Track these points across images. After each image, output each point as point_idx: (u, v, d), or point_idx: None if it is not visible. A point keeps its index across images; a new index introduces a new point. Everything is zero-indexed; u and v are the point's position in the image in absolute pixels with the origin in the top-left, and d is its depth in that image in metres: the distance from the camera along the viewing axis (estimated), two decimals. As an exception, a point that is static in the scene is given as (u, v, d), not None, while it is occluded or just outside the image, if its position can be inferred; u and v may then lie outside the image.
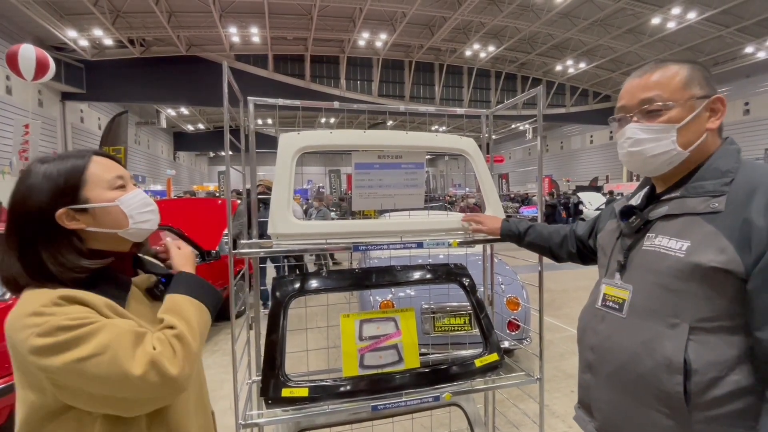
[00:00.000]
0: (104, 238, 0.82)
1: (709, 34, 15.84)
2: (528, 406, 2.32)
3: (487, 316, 1.57)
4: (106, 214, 0.80)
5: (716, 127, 0.89)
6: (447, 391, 1.38)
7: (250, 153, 1.59)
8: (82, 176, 0.78)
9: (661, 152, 0.88)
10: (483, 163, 1.60)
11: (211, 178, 35.15)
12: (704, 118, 0.88)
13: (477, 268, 1.93)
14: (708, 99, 0.87)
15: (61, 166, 0.78)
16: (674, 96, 0.87)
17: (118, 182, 0.83)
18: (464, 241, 1.46)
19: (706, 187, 0.84)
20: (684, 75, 0.88)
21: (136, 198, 0.84)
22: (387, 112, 1.83)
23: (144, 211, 0.84)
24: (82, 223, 0.78)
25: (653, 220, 0.91)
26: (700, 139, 0.87)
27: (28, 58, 7.25)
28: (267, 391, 1.27)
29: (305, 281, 1.42)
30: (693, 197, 0.85)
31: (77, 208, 0.77)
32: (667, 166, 0.90)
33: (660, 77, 0.89)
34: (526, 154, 32.02)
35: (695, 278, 0.80)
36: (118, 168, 0.85)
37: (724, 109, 0.89)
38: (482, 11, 15.12)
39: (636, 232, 0.94)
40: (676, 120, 0.87)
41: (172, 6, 14.12)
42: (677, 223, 0.86)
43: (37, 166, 0.78)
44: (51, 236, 0.76)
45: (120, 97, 16.80)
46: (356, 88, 19.43)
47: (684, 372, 0.79)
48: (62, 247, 0.76)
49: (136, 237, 0.86)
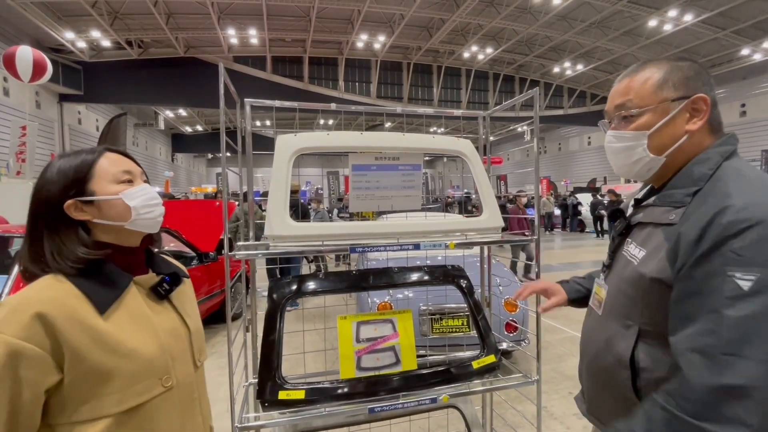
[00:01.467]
0: (113, 231, 0.84)
1: (706, 37, 15.93)
2: (526, 408, 2.32)
3: (484, 317, 1.57)
4: (110, 207, 0.82)
5: (698, 128, 0.84)
6: (444, 393, 1.37)
7: (247, 155, 1.59)
8: (90, 170, 0.82)
9: (635, 160, 0.89)
10: (480, 164, 1.60)
11: (209, 179, 35.10)
12: (683, 120, 0.85)
13: (475, 269, 1.93)
14: (686, 99, 0.84)
15: (74, 160, 0.82)
16: (645, 101, 0.86)
17: (125, 176, 0.85)
18: (461, 243, 1.46)
19: (674, 196, 0.83)
20: (657, 78, 0.86)
21: (141, 192, 0.85)
22: (384, 113, 1.83)
23: (148, 204, 0.85)
24: (89, 214, 0.81)
25: (634, 225, 0.94)
26: (678, 143, 0.85)
27: (26, 59, 7.24)
28: (263, 394, 1.27)
29: (302, 283, 1.41)
30: (660, 206, 0.86)
31: (83, 200, 0.80)
32: (646, 172, 0.90)
33: (633, 82, 0.88)
34: (524, 156, 32.09)
35: (642, 287, 0.84)
36: (127, 163, 0.87)
37: (708, 108, 0.84)
38: (480, 13, 15.17)
39: (620, 235, 0.97)
40: (646, 126, 0.86)
41: (171, 8, 14.11)
42: (645, 231, 0.89)
43: (55, 160, 0.84)
44: (59, 226, 0.79)
45: (118, 98, 16.77)
46: (354, 89, 19.45)
47: (632, 369, 0.85)
48: (67, 237, 0.79)
49: (142, 228, 0.86)
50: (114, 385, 0.74)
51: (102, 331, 0.75)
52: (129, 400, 0.76)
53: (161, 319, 0.85)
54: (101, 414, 0.73)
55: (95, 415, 0.73)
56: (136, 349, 0.78)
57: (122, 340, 0.77)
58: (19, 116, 10.21)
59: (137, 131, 21.46)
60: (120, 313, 0.79)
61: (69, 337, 0.71)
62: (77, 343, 0.72)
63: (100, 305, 0.76)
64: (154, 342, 0.81)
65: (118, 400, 0.75)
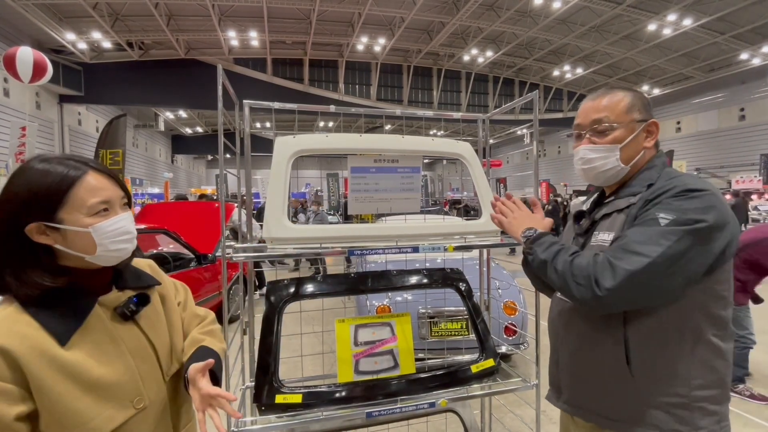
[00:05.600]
0: (74, 258, 0.79)
1: (705, 41, 15.98)
2: (525, 412, 2.31)
3: (483, 321, 1.56)
4: (76, 238, 0.77)
5: (651, 145, 1.08)
6: (443, 397, 1.36)
7: (246, 156, 1.58)
8: (65, 195, 0.75)
9: (608, 168, 1.07)
10: (479, 167, 1.60)
11: (208, 181, 35.09)
12: (642, 138, 1.07)
13: (474, 272, 1.92)
14: (645, 122, 1.06)
15: (48, 178, 0.75)
16: (619, 118, 1.05)
17: (101, 207, 0.79)
18: (460, 246, 1.45)
19: (633, 190, 1.04)
20: (628, 101, 1.06)
21: (113, 226, 0.79)
22: (383, 115, 1.83)
23: (117, 240, 0.80)
24: (51, 239, 0.76)
25: (597, 220, 1.09)
26: (639, 155, 1.06)
27: (26, 60, 7.23)
28: (260, 398, 1.26)
29: (301, 285, 1.40)
30: (621, 198, 1.05)
31: (49, 225, 0.75)
32: (614, 178, 1.09)
33: (609, 101, 1.07)
34: (523, 159, 32.10)
35: None
36: (107, 190, 0.80)
37: (657, 131, 1.09)
38: (480, 16, 15.22)
39: (586, 232, 1.11)
40: (619, 140, 1.05)
41: (172, 9, 14.15)
42: (609, 219, 1.05)
43: (29, 170, 0.76)
44: (18, 250, 0.75)
45: (118, 99, 16.79)
46: (354, 92, 19.49)
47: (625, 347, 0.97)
48: (28, 263, 0.75)
49: (104, 263, 0.81)
50: (83, 416, 0.72)
51: (65, 362, 0.72)
52: (101, 428, 0.73)
53: (127, 340, 0.82)
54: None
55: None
56: (102, 377, 0.75)
57: (87, 369, 0.74)
58: (19, 117, 10.21)
59: (137, 132, 21.47)
60: (83, 340, 0.76)
61: (32, 369, 0.69)
62: (41, 375, 0.69)
63: (61, 336, 0.73)
64: (121, 366, 0.79)
65: (90, 429, 0.72)
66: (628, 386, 0.97)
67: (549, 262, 1.00)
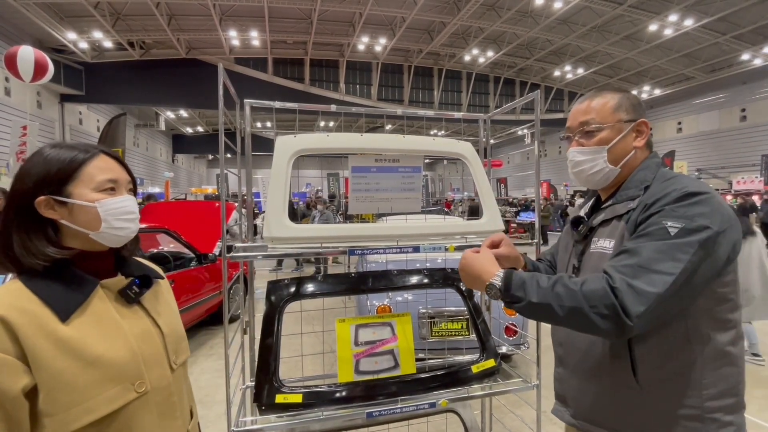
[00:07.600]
0: (80, 237, 0.81)
1: (706, 41, 15.96)
2: (525, 413, 2.30)
3: (484, 321, 1.56)
4: (82, 213, 0.79)
5: (642, 145, 1.06)
6: (443, 397, 1.36)
7: (246, 156, 1.58)
8: (76, 172, 0.79)
9: (597, 170, 1.07)
10: (480, 167, 1.60)
11: (209, 180, 35.13)
12: (631, 138, 1.06)
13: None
14: (634, 122, 1.05)
15: (63, 154, 0.80)
16: (605, 119, 1.05)
17: (109, 185, 0.82)
18: (461, 246, 1.45)
19: (629, 193, 1.01)
20: (614, 102, 1.06)
21: (118, 204, 0.82)
22: (384, 115, 1.83)
23: (121, 218, 0.82)
24: (58, 214, 0.79)
25: (596, 226, 1.07)
26: (628, 156, 1.05)
27: (27, 59, 7.24)
28: (260, 397, 1.25)
29: (301, 285, 1.40)
30: (619, 203, 1.02)
31: (57, 199, 0.78)
32: (605, 181, 1.08)
33: (596, 103, 1.07)
34: (524, 159, 32.08)
35: None
36: (115, 171, 0.84)
37: (648, 130, 1.07)
38: (481, 17, 15.22)
39: (584, 238, 1.09)
40: (606, 141, 1.05)
41: (173, 9, 14.16)
42: (609, 226, 1.02)
43: (47, 148, 0.81)
44: (27, 221, 0.78)
45: (119, 99, 16.81)
46: (355, 92, 19.49)
47: (631, 357, 0.93)
48: (35, 234, 0.77)
49: (107, 242, 0.83)
50: (81, 394, 0.71)
51: (65, 337, 0.72)
52: (100, 409, 0.73)
53: (131, 322, 0.82)
54: (70, 428, 0.70)
55: (65, 429, 0.70)
56: (102, 355, 0.75)
57: (87, 346, 0.74)
58: (20, 116, 10.22)
59: (138, 132, 21.49)
60: (85, 319, 0.76)
61: (30, 343, 0.69)
62: (39, 349, 0.69)
63: (62, 312, 0.73)
64: (123, 347, 0.78)
65: (87, 409, 0.72)
66: (635, 398, 0.94)
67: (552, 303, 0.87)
